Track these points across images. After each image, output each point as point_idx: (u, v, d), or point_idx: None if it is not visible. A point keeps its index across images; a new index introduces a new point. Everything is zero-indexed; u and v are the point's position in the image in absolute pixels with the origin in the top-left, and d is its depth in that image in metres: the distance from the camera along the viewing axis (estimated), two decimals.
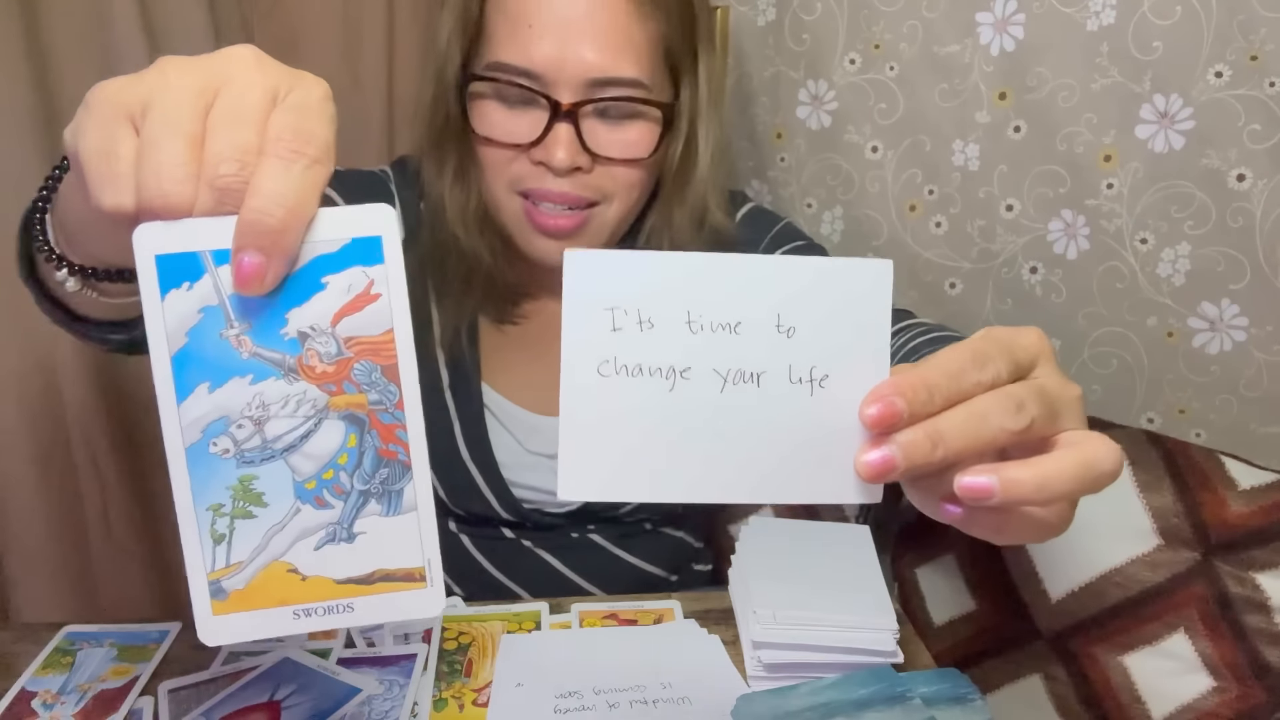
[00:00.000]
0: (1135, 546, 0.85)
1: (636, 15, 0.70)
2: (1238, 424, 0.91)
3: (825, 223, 1.08)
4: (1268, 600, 0.80)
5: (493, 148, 0.73)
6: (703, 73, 0.76)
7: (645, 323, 0.37)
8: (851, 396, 0.37)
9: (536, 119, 0.71)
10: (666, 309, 0.37)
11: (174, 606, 1.04)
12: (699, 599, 0.77)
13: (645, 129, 0.73)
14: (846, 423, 0.37)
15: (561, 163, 0.70)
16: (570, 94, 0.70)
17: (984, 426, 0.36)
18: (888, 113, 1.00)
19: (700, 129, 0.77)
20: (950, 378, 0.36)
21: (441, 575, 0.38)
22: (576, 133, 0.70)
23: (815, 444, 0.38)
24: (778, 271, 0.37)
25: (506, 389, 0.86)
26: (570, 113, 0.70)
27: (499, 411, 0.86)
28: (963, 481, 0.36)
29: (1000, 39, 0.92)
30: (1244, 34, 0.81)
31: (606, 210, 0.75)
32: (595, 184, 0.73)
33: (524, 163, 0.73)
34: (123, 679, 0.68)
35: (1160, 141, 0.87)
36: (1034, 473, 0.36)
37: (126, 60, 0.90)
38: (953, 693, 0.64)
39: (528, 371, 0.87)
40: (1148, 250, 0.91)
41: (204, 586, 0.37)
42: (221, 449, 0.36)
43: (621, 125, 0.72)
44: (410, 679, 0.67)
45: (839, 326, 0.37)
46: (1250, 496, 0.81)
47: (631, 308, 0.37)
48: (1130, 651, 0.86)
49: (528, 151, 0.72)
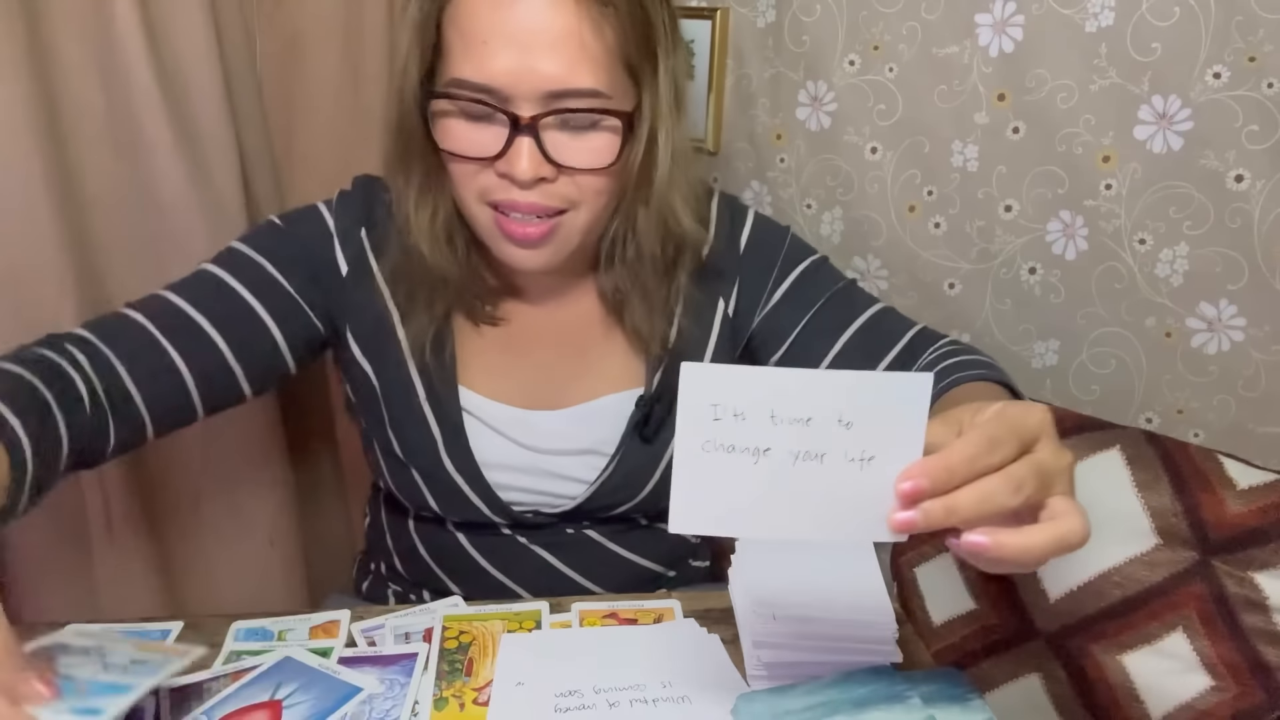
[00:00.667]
0: (1134, 546, 0.85)
1: (592, 26, 0.70)
2: (1236, 424, 0.91)
3: (825, 223, 1.08)
4: (1266, 600, 0.80)
5: (458, 162, 0.74)
6: (663, 76, 0.76)
7: (739, 416, 0.49)
8: (891, 471, 0.49)
9: (498, 133, 0.71)
10: (755, 407, 0.49)
11: (176, 606, 1.05)
12: (699, 598, 0.77)
13: (607, 138, 0.73)
14: (885, 491, 0.49)
15: (524, 174, 0.70)
16: (529, 107, 0.70)
17: (989, 503, 0.47)
18: (887, 114, 1.01)
19: (660, 133, 0.77)
20: (967, 462, 0.47)
21: None
22: (538, 144, 0.70)
23: (861, 503, 0.50)
24: (843, 382, 0.49)
25: (491, 390, 0.86)
26: (530, 126, 0.70)
27: (484, 414, 0.86)
28: (967, 539, 0.47)
29: (999, 40, 0.92)
30: (1242, 35, 0.81)
31: (575, 217, 0.76)
32: (561, 193, 0.74)
33: (490, 175, 0.73)
34: None
35: (1159, 142, 0.88)
36: (1020, 540, 0.47)
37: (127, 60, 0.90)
38: (952, 692, 0.64)
39: (513, 370, 0.87)
40: (1146, 251, 0.91)
41: None
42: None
43: (583, 135, 0.72)
44: (411, 678, 0.67)
45: (886, 421, 0.49)
46: (1248, 496, 0.81)
47: (729, 405, 0.49)
48: (1129, 651, 0.86)
49: (492, 164, 0.72)
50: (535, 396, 0.86)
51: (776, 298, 0.88)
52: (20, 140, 0.84)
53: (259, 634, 0.72)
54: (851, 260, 1.08)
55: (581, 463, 0.87)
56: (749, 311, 0.89)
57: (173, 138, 0.94)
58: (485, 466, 0.85)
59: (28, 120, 0.84)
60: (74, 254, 0.89)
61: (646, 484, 0.88)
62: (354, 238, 0.84)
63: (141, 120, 0.92)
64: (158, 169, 0.94)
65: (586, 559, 0.91)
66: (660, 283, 0.84)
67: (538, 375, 0.87)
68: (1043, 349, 0.99)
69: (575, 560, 0.91)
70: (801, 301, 0.87)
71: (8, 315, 0.88)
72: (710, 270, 0.87)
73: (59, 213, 0.87)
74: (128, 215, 0.95)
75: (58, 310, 0.89)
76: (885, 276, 1.06)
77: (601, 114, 0.72)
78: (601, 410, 0.87)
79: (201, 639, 0.72)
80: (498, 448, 0.86)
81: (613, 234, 0.81)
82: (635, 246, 0.81)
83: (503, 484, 0.86)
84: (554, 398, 0.86)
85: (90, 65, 0.89)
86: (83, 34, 0.88)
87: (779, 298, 0.88)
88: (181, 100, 0.95)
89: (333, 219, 0.84)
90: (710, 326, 0.88)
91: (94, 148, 0.91)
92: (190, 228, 0.97)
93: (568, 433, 0.86)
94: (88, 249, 0.92)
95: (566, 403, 0.86)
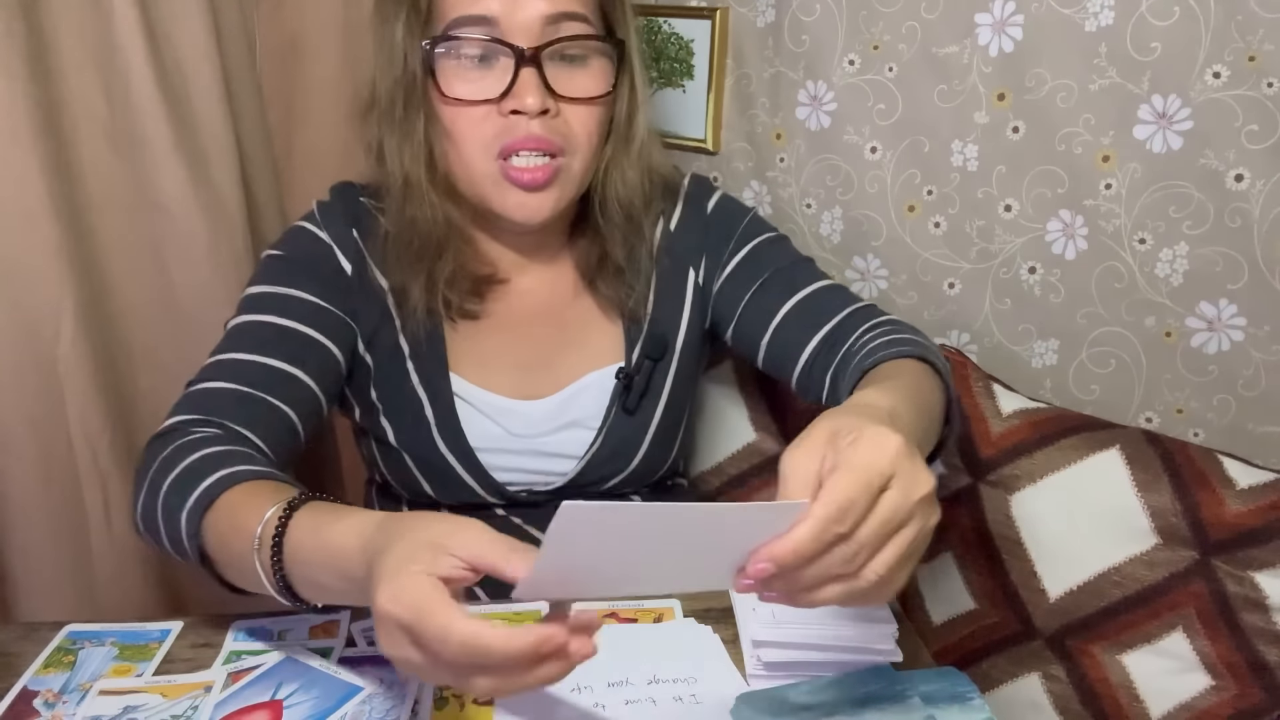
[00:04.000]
0: (1133, 545, 0.85)
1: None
2: (1236, 423, 0.91)
3: (825, 223, 1.08)
4: (1265, 599, 0.80)
5: (464, 108, 0.78)
6: (630, 24, 0.83)
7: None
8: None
9: (502, 71, 0.77)
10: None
11: (175, 606, 1.05)
12: (699, 598, 0.77)
13: (599, 69, 0.80)
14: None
15: (532, 106, 0.76)
16: (529, 38, 0.76)
17: (825, 573, 0.50)
18: (886, 113, 1.01)
19: (638, 76, 0.84)
20: (817, 543, 0.49)
21: None
22: (541, 76, 0.76)
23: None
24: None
25: (482, 378, 0.87)
26: (533, 57, 0.76)
27: (476, 401, 0.87)
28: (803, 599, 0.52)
29: (999, 40, 0.92)
30: (1242, 35, 0.81)
31: (571, 162, 0.81)
32: (561, 130, 0.79)
33: (495, 118, 0.78)
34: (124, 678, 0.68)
35: (1158, 142, 0.88)
36: (854, 598, 0.51)
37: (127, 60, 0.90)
38: (952, 691, 0.64)
39: (501, 359, 0.88)
40: (1146, 250, 0.91)
41: None
42: None
43: (579, 67, 0.79)
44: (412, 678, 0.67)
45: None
46: (1248, 496, 0.81)
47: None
48: (1129, 650, 0.86)
49: (498, 104, 0.77)
50: (523, 387, 0.88)
51: (730, 268, 0.91)
52: (19, 140, 0.84)
53: (259, 634, 0.73)
54: (851, 260, 1.08)
55: (569, 438, 0.88)
56: (709, 281, 0.92)
57: (173, 137, 0.94)
58: (478, 449, 0.86)
59: (27, 120, 0.84)
60: (73, 253, 0.90)
61: (635, 455, 0.90)
62: (348, 239, 0.86)
63: (142, 120, 0.93)
64: (158, 168, 0.95)
65: None
66: (634, 240, 0.88)
67: (524, 364, 0.89)
68: (1042, 349, 0.99)
69: None
70: (751, 275, 0.90)
71: (7, 314, 0.88)
72: (679, 240, 0.91)
73: (58, 212, 0.87)
74: (127, 215, 0.95)
75: (58, 309, 0.89)
76: (885, 276, 1.06)
77: (594, 39, 0.79)
78: (585, 387, 0.89)
79: (201, 639, 0.72)
80: (489, 432, 0.87)
81: (603, 178, 0.85)
82: (623, 189, 0.85)
83: (495, 465, 0.87)
84: (541, 386, 0.88)
85: (90, 65, 0.89)
86: (82, 34, 0.88)
87: (732, 268, 0.91)
88: (182, 100, 0.95)
89: (323, 231, 0.86)
90: (683, 298, 0.92)
91: (94, 147, 0.91)
92: (191, 228, 0.97)
93: (555, 414, 0.88)
94: (87, 248, 0.92)
95: (552, 389, 0.88)
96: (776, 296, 0.88)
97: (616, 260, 0.87)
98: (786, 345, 0.86)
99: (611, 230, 0.86)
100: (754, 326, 0.89)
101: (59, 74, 0.88)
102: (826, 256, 1.09)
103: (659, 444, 0.91)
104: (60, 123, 0.88)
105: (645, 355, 0.89)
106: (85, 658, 0.70)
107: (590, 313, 0.90)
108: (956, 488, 0.94)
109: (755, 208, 0.94)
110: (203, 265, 1.00)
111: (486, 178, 0.80)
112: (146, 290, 0.99)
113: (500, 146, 0.78)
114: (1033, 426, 0.91)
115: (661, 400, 0.90)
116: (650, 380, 0.90)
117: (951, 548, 0.95)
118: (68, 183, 0.89)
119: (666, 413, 0.91)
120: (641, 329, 0.90)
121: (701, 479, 1.12)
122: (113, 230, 0.94)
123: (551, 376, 0.89)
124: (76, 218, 0.90)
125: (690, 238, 0.92)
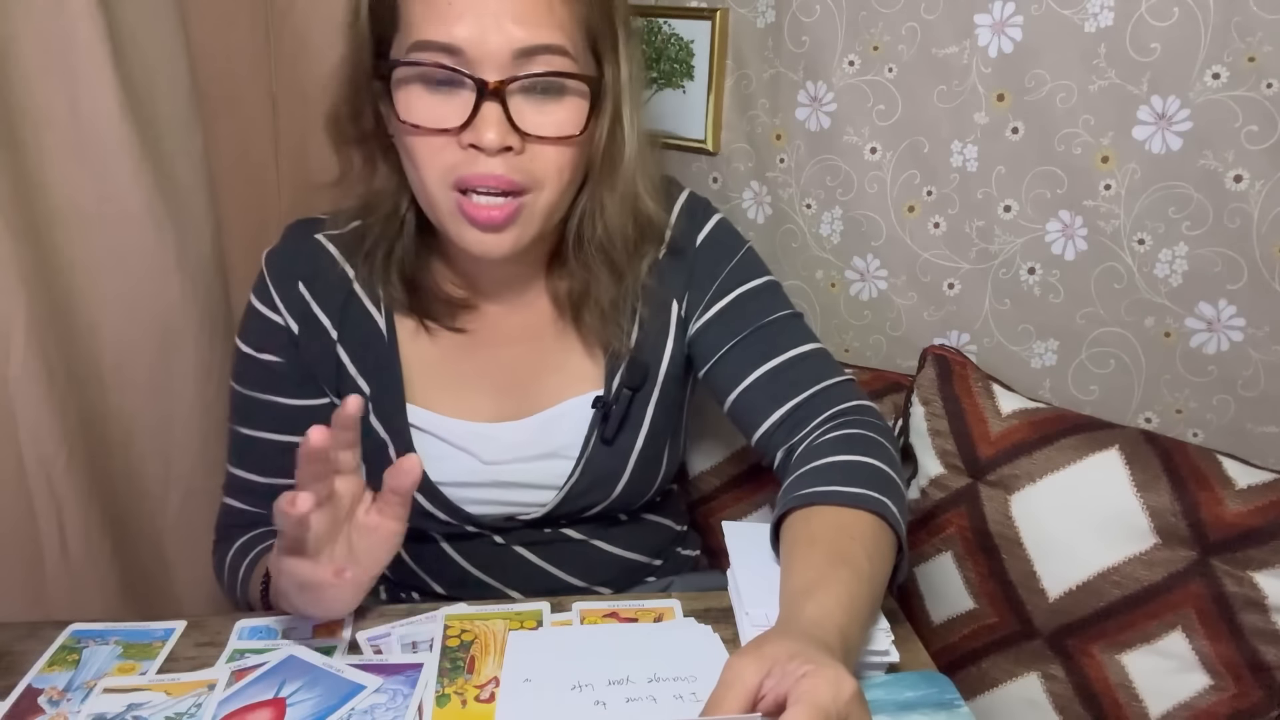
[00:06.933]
0: (1133, 545, 0.85)
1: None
2: (1235, 424, 0.92)
3: (824, 223, 1.08)
4: (1265, 599, 0.80)
5: (421, 135, 0.72)
6: (624, 55, 0.76)
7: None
8: None
9: (464, 102, 0.70)
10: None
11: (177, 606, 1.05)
12: (699, 598, 0.77)
13: (573, 106, 0.73)
14: None
15: (491, 143, 0.69)
16: (495, 71, 0.69)
17: None
18: (886, 114, 1.01)
19: (625, 110, 0.77)
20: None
21: None
22: (505, 112, 0.70)
23: None
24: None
25: (446, 407, 0.85)
26: (497, 91, 0.69)
27: (442, 431, 0.85)
28: None
29: (998, 40, 0.93)
30: (1241, 35, 0.82)
31: (537, 199, 0.74)
32: (526, 168, 0.72)
33: (454, 149, 0.71)
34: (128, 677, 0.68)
35: (1158, 143, 0.88)
36: None
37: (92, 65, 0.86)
38: (938, 698, 0.65)
39: (471, 384, 0.85)
40: (1145, 251, 0.91)
41: None
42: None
43: (549, 104, 0.72)
44: (414, 687, 0.67)
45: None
46: (1247, 495, 0.82)
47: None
48: (1128, 650, 0.86)
49: (457, 136, 0.71)
50: (496, 409, 0.85)
51: (712, 313, 0.86)
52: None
53: (262, 632, 0.73)
54: (851, 260, 1.08)
55: (544, 468, 0.86)
56: (689, 318, 0.87)
57: (140, 145, 0.90)
58: (442, 484, 0.84)
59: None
60: (25, 267, 0.85)
61: (616, 485, 0.87)
62: (294, 296, 0.84)
63: (106, 128, 0.88)
64: (124, 178, 0.90)
65: (568, 556, 0.90)
66: (617, 281, 0.83)
67: (500, 385, 0.86)
68: (1042, 349, 1.00)
69: (557, 558, 0.90)
70: (733, 325, 0.85)
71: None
72: (666, 267, 0.86)
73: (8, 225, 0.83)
74: (92, 226, 0.90)
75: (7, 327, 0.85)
76: (885, 276, 1.06)
77: (568, 77, 0.72)
78: (562, 414, 0.86)
79: (205, 637, 0.73)
80: (454, 465, 0.84)
81: (580, 216, 0.80)
82: (604, 232, 0.80)
83: (466, 499, 0.85)
84: (515, 408, 0.85)
85: (51, 71, 0.85)
86: (43, 38, 0.84)
87: (711, 315, 0.86)
88: (147, 104, 0.91)
89: (268, 305, 0.84)
90: (667, 328, 0.87)
91: (56, 157, 0.87)
92: (160, 238, 0.94)
93: (530, 441, 0.85)
94: (43, 262, 0.87)
95: (528, 411, 0.85)
96: (751, 359, 0.83)
97: (601, 303, 0.82)
98: (751, 411, 0.83)
99: (590, 271, 0.82)
100: (724, 380, 0.85)
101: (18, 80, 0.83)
102: (826, 257, 1.09)
103: (641, 473, 0.87)
104: (20, 132, 0.84)
105: (625, 385, 0.85)
106: (89, 656, 0.70)
107: (570, 337, 0.86)
108: (956, 488, 0.94)
109: (749, 243, 0.89)
110: (172, 276, 0.95)
111: (443, 208, 0.74)
112: (113, 304, 0.93)
113: (455, 179, 0.72)
114: (1032, 426, 0.91)
115: (643, 430, 0.86)
116: (630, 409, 0.85)
117: (951, 547, 0.95)
118: (24, 194, 0.84)
119: (649, 442, 0.87)
120: (622, 358, 0.85)
121: (701, 479, 1.12)
122: (76, 243, 0.89)
123: (528, 399, 0.85)
124: (31, 231, 0.85)
125: (677, 269, 0.86)
